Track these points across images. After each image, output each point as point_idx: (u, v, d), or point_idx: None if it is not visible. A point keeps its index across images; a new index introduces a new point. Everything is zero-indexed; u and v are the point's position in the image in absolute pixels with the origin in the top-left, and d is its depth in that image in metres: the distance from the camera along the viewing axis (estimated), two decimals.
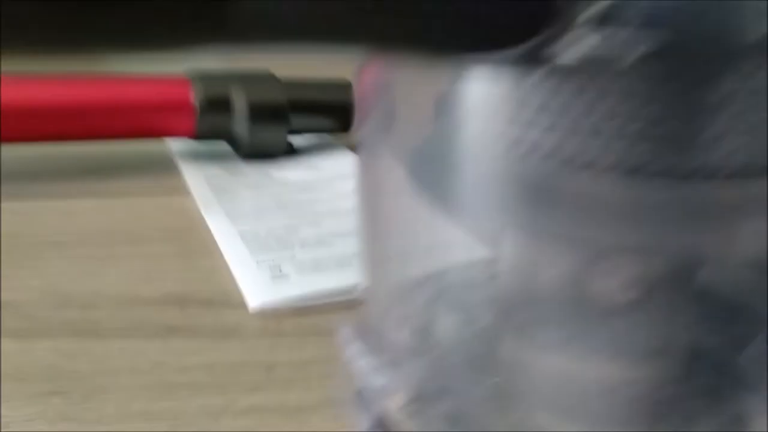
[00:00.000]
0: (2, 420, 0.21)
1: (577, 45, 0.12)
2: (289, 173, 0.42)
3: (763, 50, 0.13)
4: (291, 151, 0.45)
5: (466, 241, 0.20)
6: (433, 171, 0.17)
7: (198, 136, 0.43)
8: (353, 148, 0.44)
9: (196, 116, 0.41)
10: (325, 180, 0.41)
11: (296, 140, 0.46)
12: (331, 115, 0.46)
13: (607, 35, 0.12)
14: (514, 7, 0.11)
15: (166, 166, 0.43)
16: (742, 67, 0.14)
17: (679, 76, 0.13)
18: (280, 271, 0.30)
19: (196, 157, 0.44)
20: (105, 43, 0.10)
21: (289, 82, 0.44)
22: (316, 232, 0.33)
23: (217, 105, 0.41)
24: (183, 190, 0.39)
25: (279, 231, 0.33)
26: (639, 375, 0.19)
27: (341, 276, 0.29)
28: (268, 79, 0.43)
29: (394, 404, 0.20)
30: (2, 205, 0.35)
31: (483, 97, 0.15)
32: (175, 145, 0.45)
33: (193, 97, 0.41)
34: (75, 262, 0.32)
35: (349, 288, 0.27)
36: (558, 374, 0.20)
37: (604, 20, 0.12)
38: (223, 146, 0.44)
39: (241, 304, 0.28)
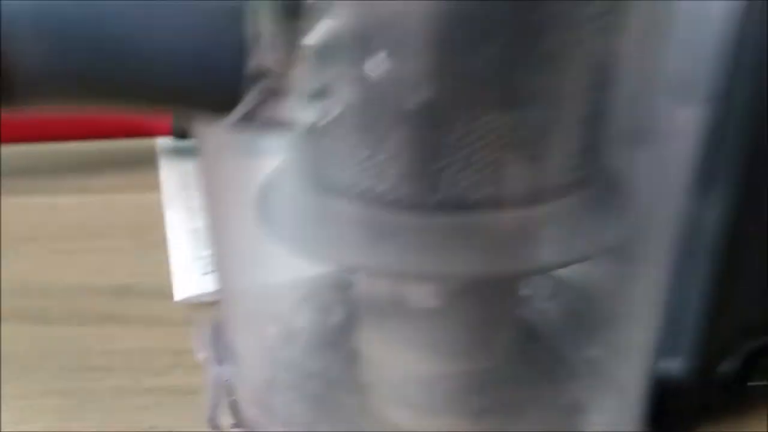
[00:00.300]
0: None
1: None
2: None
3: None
4: None
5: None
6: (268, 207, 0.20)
7: (176, 134, 0.46)
8: None
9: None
10: None
11: None
12: None
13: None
14: (212, 91, 0.14)
15: (147, 164, 0.47)
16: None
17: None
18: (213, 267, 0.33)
19: (180, 154, 0.48)
20: None
21: None
22: None
23: None
24: (157, 187, 0.43)
25: None
26: (457, 368, 0.22)
27: None
28: None
29: (245, 393, 0.23)
30: None
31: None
32: (162, 142, 0.49)
33: None
34: (43, 256, 0.36)
35: None
36: (391, 366, 0.22)
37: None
38: None
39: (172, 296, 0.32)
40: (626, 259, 0.24)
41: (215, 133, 0.19)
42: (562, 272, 0.25)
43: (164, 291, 0.32)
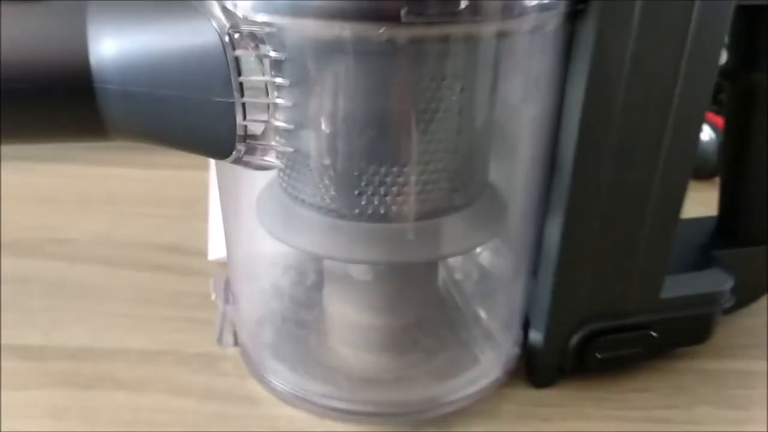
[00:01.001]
0: None
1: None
2: None
3: None
4: None
5: None
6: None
7: None
8: None
9: None
10: None
11: None
12: None
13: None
14: (213, 141, 0.24)
15: None
16: None
17: None
18: None
19: None
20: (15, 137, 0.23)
21: None
22: None
23: None
24: (207, 168, 0.54)
25: None
26: (383, 321, 0.31)
27: None
28: None
29: (242, 325, 0.33)
30: (77, 169, 0.51)
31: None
32: None
33: None
34: (116, 217, 0.47)
35: None
36: (341, 317, 0.32)
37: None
38: None
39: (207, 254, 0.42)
40: (501, 251, 0.33)
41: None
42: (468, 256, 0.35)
43: (202, 251, 0.43)
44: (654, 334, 0.31)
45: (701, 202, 0.36)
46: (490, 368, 0.32)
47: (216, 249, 0.43)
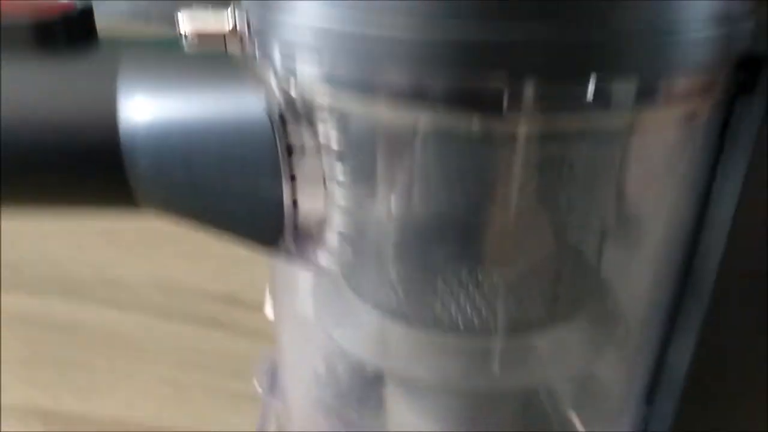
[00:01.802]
0: None
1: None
2: None
3: None
4: None
5: None
6: None
7: None
8: None
9: None
10: None
11: None
12: None
13: None
14: (258, 228, 0.20)
15: None
16: None
17: None
18: None
19: None
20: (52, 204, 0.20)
21: None
22: None
23: None
24: None
25: None
26: None
27: None
28: None
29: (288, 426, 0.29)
30: None
31: None
32: None
33: None
34: (176, 256, 0.44)
35: None
36: (405, 426, 0.27)
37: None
38: None
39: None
40: (612, 367, 0.27)
41: None
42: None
43: (262, 302, 0.39)
44: None
45: None
46: None
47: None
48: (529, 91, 0.16)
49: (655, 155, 0.19)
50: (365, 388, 0.30)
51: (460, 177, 0.18)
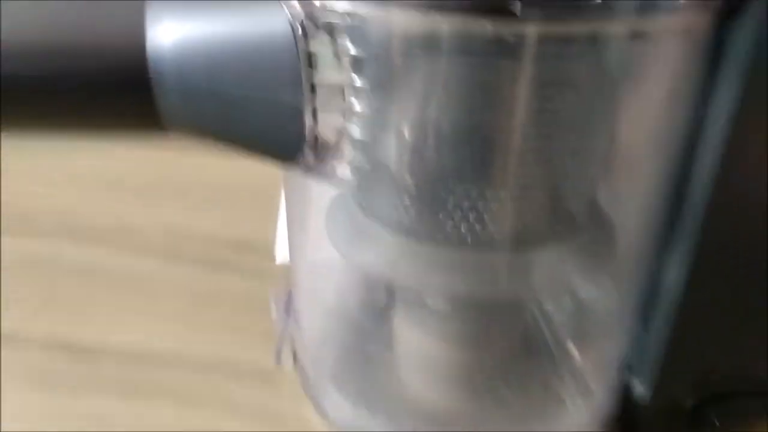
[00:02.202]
0: None
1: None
2: None
3: None
4: None
5: None
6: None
7: None
8: None
9: None
10: None
11: None
12: None
13: None
14: (278, 146, 0.21)
15: None
16: None
17: None
18: None
19: None
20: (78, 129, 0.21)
21: None
22: None
23: None
24: None
25: None
26: (460, 356, 0.28)
27: None
28: None
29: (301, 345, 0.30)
30: (151, 153, 0.50)
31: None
32: None
33: None
34: (188, 206, 0.45)
35: None
36: (413, 347, 0.29)
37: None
38: None
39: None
40: (605, 286, 0.29)
41: None
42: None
43: (272, 249, 0.40)
44: None
45: None
46: (578, 418, 0.28)
47: (284, 252, 0.40)
48: None
49: (655, 68, 0.21)
50: (375, 319, 0.31)
51: (472, 86, 0.20)
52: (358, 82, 0.20)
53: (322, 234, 0.26)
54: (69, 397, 0.30)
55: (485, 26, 0.18)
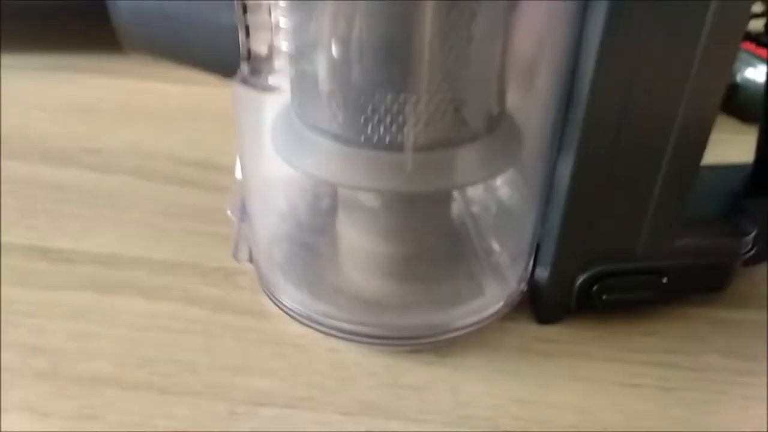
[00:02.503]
0: None
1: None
2: None
3: None
4: None
5: None
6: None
7: None
8: None
9: None
10: None
11: None
12: None
13: None
14: (218, 60, 0.24)
15: None
16: None
17: None
18: None
19: None
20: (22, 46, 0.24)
21: None
22: None
23: None
24: None
25: None
26: (390, 248, 0.32)
27: None
28: None
29: (256, 244, 0.34)
30: (118, 82, 0.53)
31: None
32: None
33: None
34: (152, 130, 0.48)
35: None
36: (351, 242, 0.33)
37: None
38: None
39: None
40: (517, 185, 0.33)
41: None
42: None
43: (232, 168, 0.44)
44: (665, 280, 0.31)
45: (751, 147, 0.34)
46: (493, 300, 0.32)
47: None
48: None
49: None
50: (319, 216, 0.35)
51: (374, 3, 0.23)
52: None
53: (268, 145, 0.30)
54: (48, 293, 0.33)
55: None
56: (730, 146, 0.50)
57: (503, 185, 0.35)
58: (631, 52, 0.24)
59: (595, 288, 0.30)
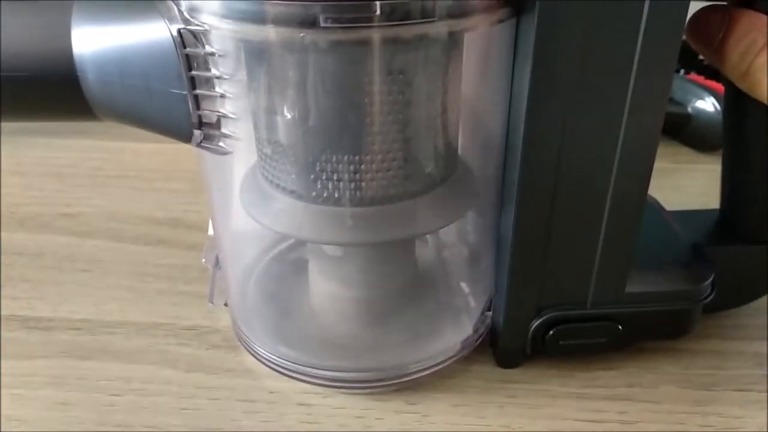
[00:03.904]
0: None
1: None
2: None
3: None
4: None
5: None
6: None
7: None
8: None
9: None
10: None
11: None
12: None
13: None
14: (175, 127, 0.26)
15: None
16: None
17: None
18: None
19: None
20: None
21: None
22: None
23: None
24: None
25: None
26: (353, 294, 0.33)
27: None
28: None
29: (229, 290, 0.35)
30: (92, 143, 0.54)
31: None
32: None
33: None
34: (126, 191, 0.50)
35: None
36: (319, 289, 0.34)
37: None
38: None
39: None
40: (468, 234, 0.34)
41: None
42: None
43: (204, 225, 0.45)
44: (620, 326, 0.31)
45: (705, 176, 0.35)
46: (452, 344, 0.33)
47: None
48: (380, 8, 0.22)
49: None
50: (288, 267, 0.37)
51: (300, 78, 0.25)
52: (218, 73, 0.25)
53: (236, 199, 0.31)
54: (27, 362, 0.34)
55: (299, 34, 0.23)
56: (685, 175, 0.53)
57: (471, 231, 0.36)
58: (559, 105, 0.25)
59: (550, 334, 0.31)
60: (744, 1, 0.27)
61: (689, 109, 0.54)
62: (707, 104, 0.52)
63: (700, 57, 0.29)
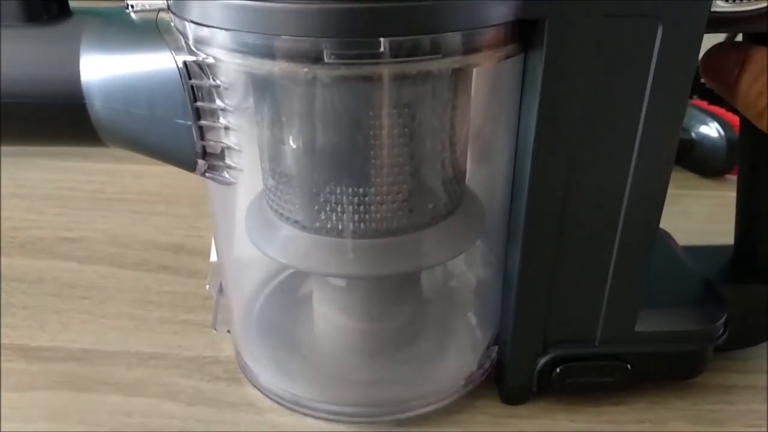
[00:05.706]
0: None
1: None
2: None
3: None
4: None
5: None
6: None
7: None
8: None
9: None
10: None
11: None
12: None
13: None
14: (179, 156, 0.26)
15: None
16: None
17: None
18: None
19: None
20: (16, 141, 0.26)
21: None
22: None
23: None
24: None
25: None
26: (357, 325, 0.32)
27: None
28: None
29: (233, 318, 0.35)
30: (93, 166, 0.54)
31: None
32: None
33: None
34: (128, 215, 0.49)
35: None
36: (323, 319, 0.33)
37: None
38: None
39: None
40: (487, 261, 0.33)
41: None
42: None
43: (206, 251, 0.45)
44: (629, 366, 0.31)
45: (711, 201, 0.34)
46: (457, 379, 0.33)
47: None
48: (386, 45, 0.22)
49: (478, 91, 0.26)
50: (291, 293, 0.36)
51: (305, 111, 0.25)
52: (222, 105, 0.25)
53: (240, 228, 0.31)
54: (26, 394, 0.34)
55: (303, 70, 0.23)
56: (691, 201, 0.52)
57: (479, 262, 0.36)
58: (567, 140, 0.25)
59: (557, 372, 0.31)
60: (760, 38, 0.27)
61: (693, 135, 0.53)
62: (711, 129, 0.52)
63: (702, 80, 0.29)
